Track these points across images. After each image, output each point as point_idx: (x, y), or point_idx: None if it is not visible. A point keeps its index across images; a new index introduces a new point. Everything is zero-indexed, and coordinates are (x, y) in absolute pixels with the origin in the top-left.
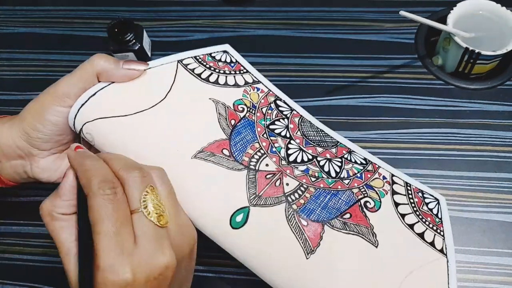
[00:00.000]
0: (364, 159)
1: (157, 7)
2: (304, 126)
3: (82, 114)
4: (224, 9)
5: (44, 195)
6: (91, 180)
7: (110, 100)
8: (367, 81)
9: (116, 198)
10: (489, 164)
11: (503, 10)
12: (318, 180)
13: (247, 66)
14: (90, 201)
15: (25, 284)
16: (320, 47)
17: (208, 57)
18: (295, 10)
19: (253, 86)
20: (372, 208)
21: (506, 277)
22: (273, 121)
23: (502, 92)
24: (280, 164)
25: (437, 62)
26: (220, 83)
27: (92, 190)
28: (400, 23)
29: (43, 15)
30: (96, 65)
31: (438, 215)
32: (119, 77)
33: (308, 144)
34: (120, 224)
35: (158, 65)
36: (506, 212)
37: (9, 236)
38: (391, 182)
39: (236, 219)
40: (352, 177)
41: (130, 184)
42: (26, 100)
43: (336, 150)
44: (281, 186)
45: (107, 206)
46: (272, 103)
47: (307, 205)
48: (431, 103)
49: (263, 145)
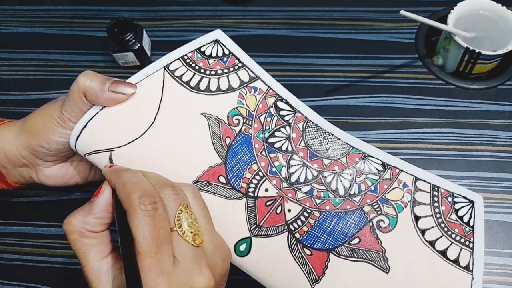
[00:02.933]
0: (382, 163)
1: (157, 7)
2: (309, 133)
3: (80, 146)
4: (224, 8)
5: (44, 195)
6: (131, 194)
7: (101, 131)
8: (367, 81)
9: (157, 214)
10: (490, 164)
11: (504, 10)
12: (324, 202)
13: (242, 56)
14: (130, 217)
15: (25, 284)
16: (320, 47)
17: (197, 54)
18: (295, 9)
19: (249, 86)
20: (385, 228)
21: (506, 277)
22: (272, 131)
23: (503, 92)
24: (281, 187)
25: (438, 62)
26: (211, 89)
27: (132, 205)
28: (400, 23)
29: (42, 15)
30: (81, 84)
31: (469, 222)
32: (105, 101)
33: (313, 157)
34: (161, 243)
35: (144, 78)
36: (507, 212)
37: (9, 236)
38: (413, 190)
39: (240, 248)
40: (364, 192)
41: (166, 203)
42: (26, 100)
43: (347, 158)
44: (282, 214)
45: (148, 223)
46: (271, 107)
47: (311, 232)
48: (431, 103)
49: (261, 166)
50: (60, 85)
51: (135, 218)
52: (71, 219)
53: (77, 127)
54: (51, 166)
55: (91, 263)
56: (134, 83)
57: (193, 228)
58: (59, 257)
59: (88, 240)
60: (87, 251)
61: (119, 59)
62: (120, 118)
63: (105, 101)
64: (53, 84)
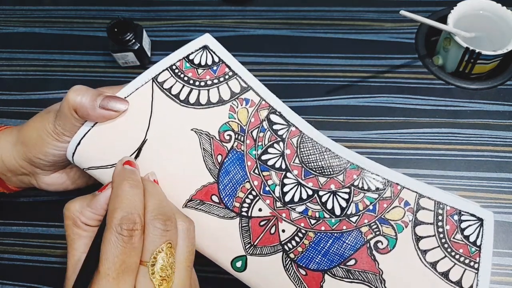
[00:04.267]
0: (382, 180)
1: (157, 7)
2: (304, 149)
3: (77, 162)
4: (224, 8)
5: (44, 195)
6: (115, 212)
7: (94, 149)
8: (367, 81)
9: (130, 242)
10: (490, 164)
11: (504, 10)
12: (319, 223)
13: (232, 63)
14: (105, 232)
15: (25, 284)
16: (320, 46)
17: (185, 63)
18: (295, 9)
19: (240, 98)
20: (384, 249)
21: (506, 277)
22: (265, 148)
23: (503, 92)
24: (275, 207)
25: (438, 62)
26: (201, 103)
27: (110, 223)
28: (400, 23)
29: (42, 15)
30: (71, 101)
31: (476, 242)
32: (96, 118)
33: (308, 175)
34: (123, 271)
35: (133, 91)
36: (507, 212)
37: (9, 236)
38: (416, 209)
39: (236, 265)
40: (361, 212)
41: (149, 233)
42: (26, 100)
43: (344, 176)
44: (277, 234)
45: (117, 247)
46: (264, 120)
47: (305, 253)
48: (431, 103)
49: (254, 185)
50: (60, 85)
51: (108, 236)
52: (71, 205)
53: (72, 145)
54: (50, 174)
55: (73, 252)
56: (124, 97)
57: (164, 272)
58: (59, 257)
59: (78, 230)
60: (74, 239)
61: (119, 59)
62: (112, 137)
63: (97, 118)
64: (53, 84)
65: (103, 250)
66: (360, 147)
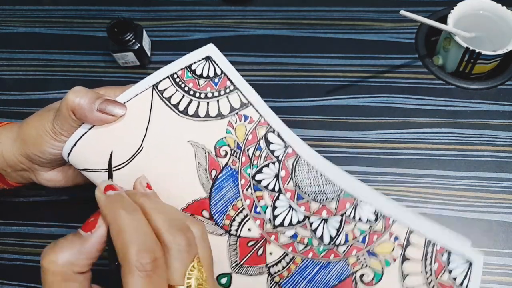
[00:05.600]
0: (375, 212)
1: (157, 7)
2: (299, 172)
3: (72, 162)
4: (224, 8)
5: (44, 195)
6: (128, 248)
7: (90, 152)
8: (367, 81)
9: (157, 274)
10: (490, 164)
11: (504, 10)
12: (307, 249)
13: (234, 77)
14: (125, 275)
15: (25, 284)
16: (320, 46)
17: (187, 72)
18: (295, 9)
19: (239, 114)
20: (369, 282)
21: (506, 277)
22: (260, 167)
23: (503, 92)
24: (264, 228)
25: (438, 62)
26: (200, 115)
27: (128, 262)
28: (400, 23)
29: (42, 15)
30: (70, 102)
31: (463, 283)
32: (93, 121)
33: (300, 198)
34: None
35: (133, 97)
36: (507, 212)
37: (9, 236)
38: (405, 245)
39: (221, 281)
40: (351, 243)
41: (175, 255)
42: (26, 100)
43: (337, 204)
44: (264, 256)
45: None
46: (261, 139)
47: (291, 278)
48: (431, 103)
49: (246, 204)
50: (60, 85)
51: (131, 278)
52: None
53: (67, 145)
54: (48, 171)
55: None
56: (123, 102)
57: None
58: None
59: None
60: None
61: (119, 59)
62: (108, 141)
63: (94, 121)
64: (53, 84)
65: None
66: (360, 147)
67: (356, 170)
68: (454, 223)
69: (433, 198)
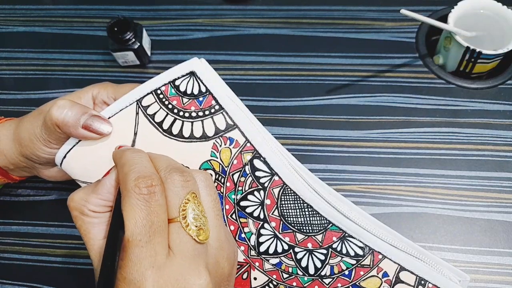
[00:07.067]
0: (363, 247)
1: (157, 6)
2: (284, 201)
3: (66, 171)
4: (225, 7)
5: (44, 195)
6: (127, 175)
7: (78, 165)
8: (367, 80)
9: (154, 200)
10: (490, 164)
11: (504, 9)
12: (291, 278)
13: (220, 96)
14: (124, 200)
15: (25, 284)
16: (320, 46)
17: (171, 88)
18: (296, 8)
19: (225, 137)
20: None
21: (507, 277)
22: (245, 194)
23: (503, 91)
24: (249, 254)
25: (438, 61)
26: (184, 135)
27: (126, 187)
28: (401, 22)
29: (42, 14)
30: (54, 118)
31: None
32: (77, 137)
33: (285, 229)
34: (154, 233)
35: (117, 112)
36: (507, 211)
37: (9, 236)
38: (394, 281)
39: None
40: (336, 276)
41: (170, 188)
42: (26, 99)
43: (323, 236)
44: (248, 280)
45: (142, 208)
46: (247, 165)
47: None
48: (432, 102)
49: (230, 229)
50: (59, 85)
51: (127, 201)
52: (74, 196)
53: (58, 157)
54: (49, 168)
55: (92, 242)
56: (108, 117)
57: (199, 222)
58: (59, 257)
59: (89, 219)
60: (88, 229)
61: (119, 58)
62: (93, 158)
63: (79, 137)
64: (52, 84)
65: (127, 217)
66: (361, 147)
67: (356, 169)
68: (455, 223)
69: (434, 197)
